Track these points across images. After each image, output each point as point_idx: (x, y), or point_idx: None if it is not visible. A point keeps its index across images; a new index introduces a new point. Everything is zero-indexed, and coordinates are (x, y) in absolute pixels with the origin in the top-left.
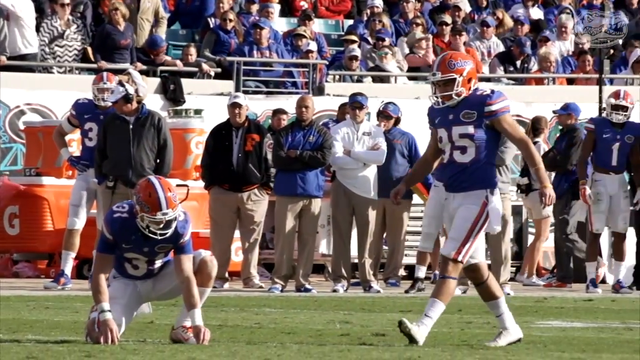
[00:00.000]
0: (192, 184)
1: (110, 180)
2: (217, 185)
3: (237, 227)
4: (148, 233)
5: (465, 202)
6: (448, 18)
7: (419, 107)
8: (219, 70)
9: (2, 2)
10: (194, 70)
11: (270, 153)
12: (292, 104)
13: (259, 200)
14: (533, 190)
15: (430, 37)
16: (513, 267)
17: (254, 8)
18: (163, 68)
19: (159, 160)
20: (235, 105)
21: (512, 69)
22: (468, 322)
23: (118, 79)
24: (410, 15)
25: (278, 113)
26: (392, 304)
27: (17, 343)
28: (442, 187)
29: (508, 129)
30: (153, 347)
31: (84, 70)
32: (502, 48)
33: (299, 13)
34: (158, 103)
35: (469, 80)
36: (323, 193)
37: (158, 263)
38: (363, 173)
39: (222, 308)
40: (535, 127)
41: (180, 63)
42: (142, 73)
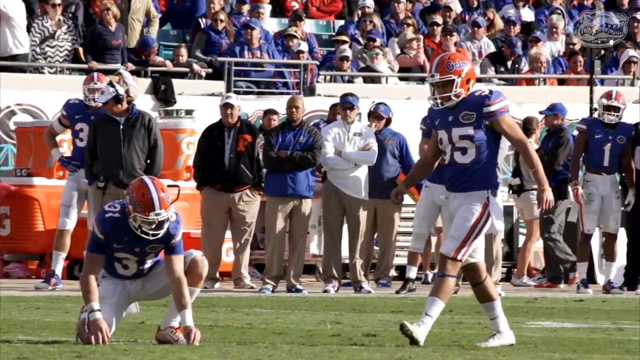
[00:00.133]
0: (183, 185)
1: (101, 181)
2: (209, 186)
3: (228, 227)
4: (140, 233)
5: (467, 202)
6: (439, 18)
7: (410, 107)
8: (210, 71)
9: None
10: (185, 71)
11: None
12: (283, 105)
13: (251, 201)
14: (525, 191)
15: (421, 37)
16: (504, 267)
17: (245, 8)
18: (154, 68)
19: (150, 161)
20: (228, 106)
21: (503, 70)
22: (459, 322)
23: (109, 80)
24: (401, 16)
25: (269, 113)
26: (383, 305)
27: (7, 344)
28: (433, 187)
29: (507, 130)
30: (144, 347)
31: (75, 71)
32: (493, 48)
33: (290, 13)
34: (149, 103)
35: (468, 81)
36: (314, 193)
37: (148, 263)
38: (354, 173)
39: (213, 308)
40: (527, 127)
41: (171, 64)
42: (133, 73)
